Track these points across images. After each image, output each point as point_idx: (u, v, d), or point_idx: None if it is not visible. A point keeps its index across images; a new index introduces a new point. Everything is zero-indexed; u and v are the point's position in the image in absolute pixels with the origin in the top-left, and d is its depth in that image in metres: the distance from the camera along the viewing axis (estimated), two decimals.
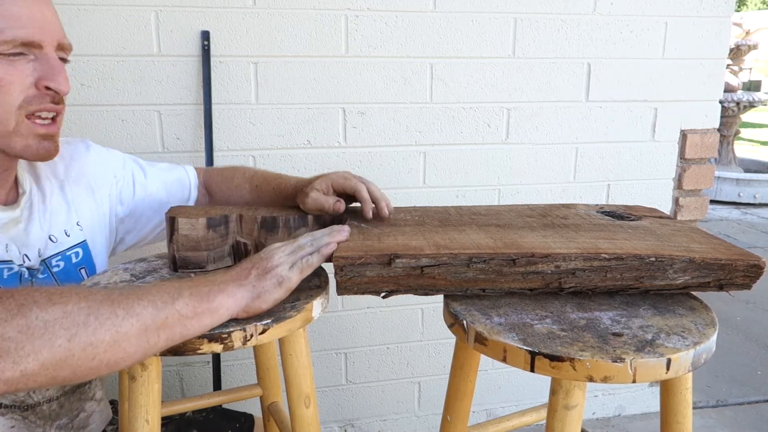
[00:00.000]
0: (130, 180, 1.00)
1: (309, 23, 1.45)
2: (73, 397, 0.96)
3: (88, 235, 0.93)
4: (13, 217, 0.84)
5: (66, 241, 0.90)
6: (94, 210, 0.95)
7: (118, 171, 0.99)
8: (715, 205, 4.98)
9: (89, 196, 0.95)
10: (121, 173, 0.99)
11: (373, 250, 0.75)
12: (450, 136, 1.59)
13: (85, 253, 0.92)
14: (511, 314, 0.73)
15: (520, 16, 1.55)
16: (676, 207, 1.78)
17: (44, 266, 0.87)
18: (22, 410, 0.89)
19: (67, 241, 0.90)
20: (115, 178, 0.98)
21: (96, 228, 0.95)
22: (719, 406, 2.03)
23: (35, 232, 0.86)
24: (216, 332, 0.68)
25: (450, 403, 0.90)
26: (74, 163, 0.94)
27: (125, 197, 0.99)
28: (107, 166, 0.98)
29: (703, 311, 0.74)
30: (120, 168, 1.00)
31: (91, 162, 0.96)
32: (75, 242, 0.91)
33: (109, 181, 0.97)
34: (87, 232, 0.93)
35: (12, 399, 0.87)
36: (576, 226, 0.88)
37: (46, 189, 0.90)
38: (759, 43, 5.64)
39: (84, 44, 1.35)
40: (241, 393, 1.09)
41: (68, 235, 0.90)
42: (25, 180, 0.88)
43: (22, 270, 0.84)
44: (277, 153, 1.51)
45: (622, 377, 0.62)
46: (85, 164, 0.95)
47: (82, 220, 0.93)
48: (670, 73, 1.67)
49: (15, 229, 0.84)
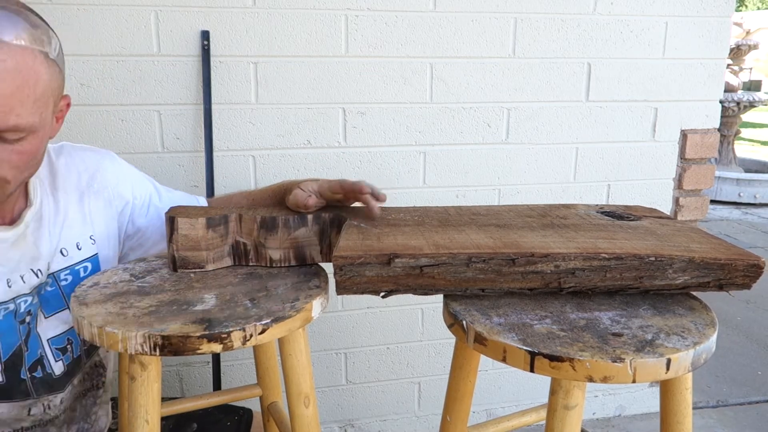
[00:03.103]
0: (146, 201, 1.00)
1: (309, 23, 1.45)
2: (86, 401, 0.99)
3: (99, 249, 0.93)
4: (17, 234, 0.84)
5: (76, 255, 0.90)
6: (109, 223, 0.95)
7: (137, 190, 0.99)
8: (716, 205, 4.97)
9: (107, 208, 0.94)
10: (139, 192, 0.99)
11: (372, 250, 0.75)
12: (450, 136, 1.59)
13: (94, 267, 0.92)
14: (510, 314, 0.73)
15: (520, 16, 1.55)
16: (677, 207, 1.78)
17: (52, 279, 0.88)
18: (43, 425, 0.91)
19: (77, 254, 0.90)
20: (133, 197, 0.98)
21: (108, 242, 0.95)
22: (719, 407, 2.03)
23: (44, 244, 0.86)
24: (216, 332, 0.68)
25: (450, 403, 0.90)
26: (98, 174, 0.94)
27: (137, 217, 0.99)
28: (128, 183, 0.98)
29: (702, 311, 0.74)
30: (139, 187, 0.99)
31: (115, 176, 0.96)
32: (86, 256, 0.91)
33: (126, 199, 0.97)
34: (99, 246, 0.93)
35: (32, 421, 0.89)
36: (576, 226, 0.88)
37: (62, 200, 0.89)
38: (759, 43, 5.64)
39: (84, 44, 1.35)
40: (240, 393, 1.09)
41: (80, 248, 0.90)
42: (37, 192, 0.87)
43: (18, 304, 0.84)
44: (277, 153, 1.51)
45: (622, 377, 0.62)
46: (109, 178, 0.95)
47: (96, 233, 0.93)
48: (670, 73, 1.67)
49: (20, 246, 0.84)
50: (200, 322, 0.70)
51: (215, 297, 0.78)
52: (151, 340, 0.67)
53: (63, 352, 0.91)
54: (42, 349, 0.88)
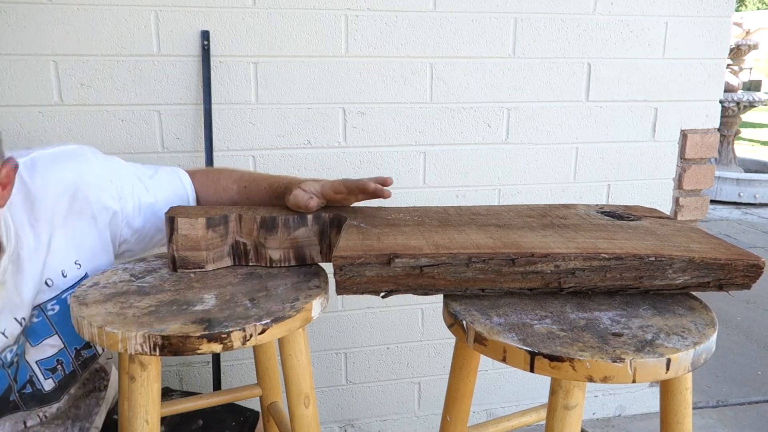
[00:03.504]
0: (136, 203, 0.94)
1: (309, 23, 1.45)
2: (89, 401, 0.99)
3: (87, 268, 0.89)
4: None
5: (62, 283, 0.85)
6: (96, 238, 0.90)
7: (123, 192, 0.92)
8: (716, 205, 4.97)
9: (92, 226, 0.89)
10: (126, 194, 0.92)
11: (372, 250, 0.75)
12: (450, 136, 1.59)
13: None
14: (510, 314, 0.73)
15: (520, 16, 1.55)
16: (677, 207, 1.78)
17: (38, 311, 0.84)
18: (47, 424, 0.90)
19: (63, 282, 0.86)
20: (120, 205, 0.91)
21: (97, 256, 0.91)
22: (719, 407, 2.03)
23: (27, 286, 0.81)
24: (215, 332, 0.68)
25: (450, 403, 0.90)
26: (79, 192, 0.86)
27: (132, 221, 0.94)
28: (111, 190, 0.90)
29: (702, 311, 0.74)
30: (124, 189, 0.92)
31: (96, 188, 0.88)
32: (72, 282, 0.87)
33: (113, 209, 0.90)
34: (86, 266, 0.89)
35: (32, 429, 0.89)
36: (575, 226, 0.88)
37: (44, 231, 0.83)
38: (759, 43, 5.64)
39: (84, 44, 1.35)
40: (240, 393, 1.09)
41: (65, 276, 0.86)
42: (10, 231, 0.79)
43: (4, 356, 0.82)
44: (277, 153, 1.51)
45: (622, 377, 0.62)
46: (91, 193, 0.87)
47: (82, 255, 0.88)
48: (670, 73, 1.67)
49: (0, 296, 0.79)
50: (200, 322, 0.70)
51: (215, 297, 0.78)
52: (150, 340, 0.67)
53: (53, 371, 0.89)
54: (30, 370, 0.87)
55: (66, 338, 0.88)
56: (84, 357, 0.92)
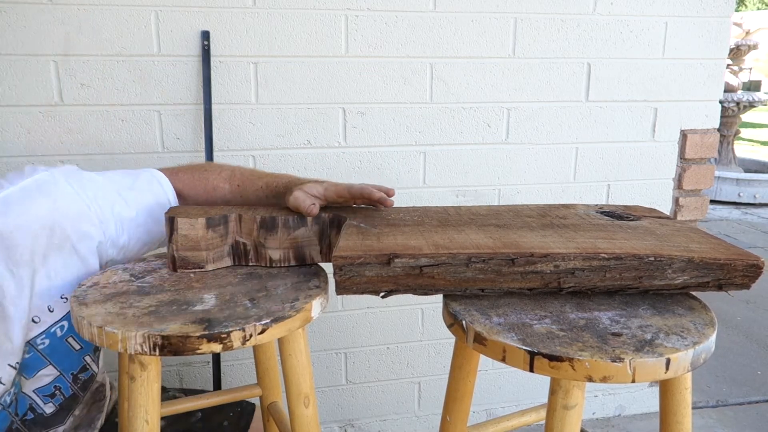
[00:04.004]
0: (119, 224, 0.89)
1: (309, 23, 1.45)
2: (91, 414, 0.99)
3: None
4: None
5: (49, 318, 0.83)
6: (79, 268, 0.85)
7: (103, 215, 0.86)
8: (715, 205, 4.97)
9: (73, 257, 0.84)
10: (106, 216, 0.87)
11: (372, 250, 0.75)
12: (450, 136, 1.59)
13: (71, 323, 0.83)
14: (510, 314, 0.73)
15: (520, 16, 1.55)
16: (676, 207, 1.78)
17: (29, 346, 0.83)
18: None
19: (50, 318, 0.83)
20: (102, 231, 0.86)
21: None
22: (719, 406, 2.03)
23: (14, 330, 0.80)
24: (215, 332, 0.68)
25: (449, 403, 0.90)
26: (57, 228, 0.81)
27: (117, 239, 0.89)
28: (92, 217, 0.85)
29: (702, 311, 0.74)
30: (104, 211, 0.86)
31: (75, 220, 0.83)
32: (59, 317, 0.84)
33: (95, 237, 0.86)
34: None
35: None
36: (575, 226, 0.88)
37: (25, 275, 0.79)
38: (759, 43, 5.65)
39: (84, 44, 1.35)
40: (240, 393, 1.09)
41: (52, 311, 0.83)
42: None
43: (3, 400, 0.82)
44: (277, 153, 1.51)
45: (622, 377, 0.62)
46: (69, 226, 0.82)
47: (68, 289, 0.84)
48: (670, 73, 1.67)
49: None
50: (200, 322, 0.70)
51: (215, 297, 0.78)
52: (150, 340, 0.67)
53: (51, 397, 0.88)
54: (29, 399, 0.86)
55: (61, 366, 0.87)
56: (82, 380, 0.92)
